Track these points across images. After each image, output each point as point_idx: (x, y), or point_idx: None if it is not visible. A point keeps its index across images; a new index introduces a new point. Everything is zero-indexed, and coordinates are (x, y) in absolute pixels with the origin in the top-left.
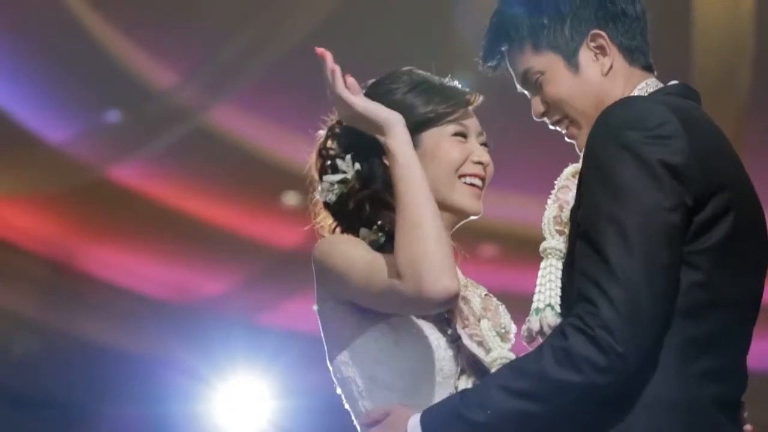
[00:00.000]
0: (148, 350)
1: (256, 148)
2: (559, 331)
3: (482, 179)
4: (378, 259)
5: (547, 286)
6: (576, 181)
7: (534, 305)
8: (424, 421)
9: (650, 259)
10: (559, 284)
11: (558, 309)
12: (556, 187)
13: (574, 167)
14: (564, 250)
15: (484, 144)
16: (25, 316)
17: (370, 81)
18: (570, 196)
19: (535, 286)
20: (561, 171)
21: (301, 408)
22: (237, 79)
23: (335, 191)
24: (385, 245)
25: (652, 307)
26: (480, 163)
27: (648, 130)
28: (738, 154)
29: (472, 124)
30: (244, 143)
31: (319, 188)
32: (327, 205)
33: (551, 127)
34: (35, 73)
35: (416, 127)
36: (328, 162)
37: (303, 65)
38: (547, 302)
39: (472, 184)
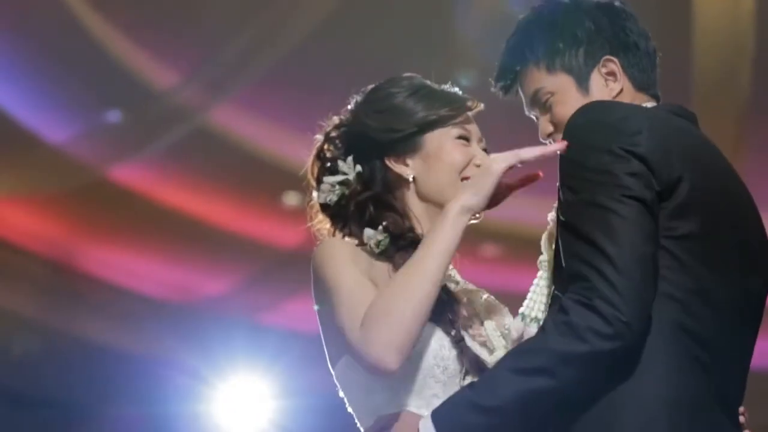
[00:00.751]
0: (149, 350)
1: (257, 148)
2: (558, 308)
3: None
4: (356, 293)
5: (533, 298)
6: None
7: (522, 310)
8: (435, 419)
9: (632, 234)
10: (538, 293)
11: (528, 318)
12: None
13: None
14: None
15: (484, 150)
16: (26, 316)
17: (370, 86)
18: (550, 216)
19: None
20: None
21: (302, 408)
22: (237, 79)
23: (336, 192)
24: (389, 248)
25: (643, 281)
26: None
27: (610, 128)
28: (731, 163)
29: (474, 129)
30: (245, 143)
31: (320, 189)
32: (325, 207)
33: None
34: (35, 74)
35: (419, 129)
36: (328, 164)
37: (303, 65)
38: (534, 315)
39: None
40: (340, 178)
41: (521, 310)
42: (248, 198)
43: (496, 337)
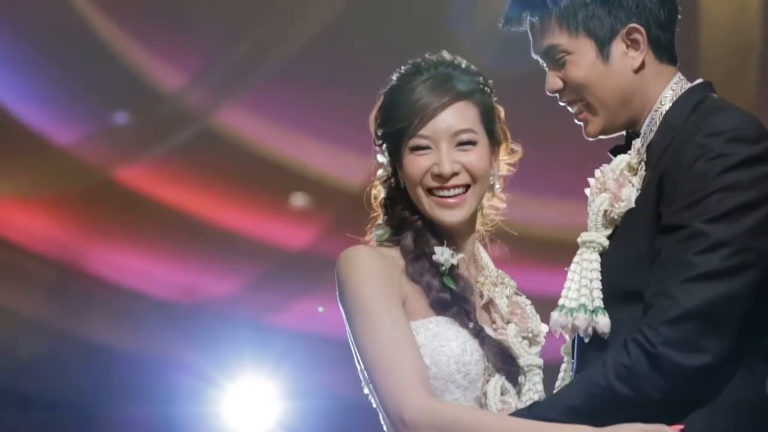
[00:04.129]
0: (156, 351)
1: (264, 149)
2: (623, 346)
3: (455, 186)
4: (394, 353)
5: (582, 283)
6: (629, 177)
7: (563, 300)
8: None
9: (734, 283)
10: (596, 280)
11: (590, 308)
12: (603, 177)
13: (626, 161)
14: (605, 245)
15: (464, 143)
16: (33, 317)
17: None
18: (624, 193)
19: (547, 285)
20: (569, 172)
21: (309, 409)
22: (245, 81)
23: (382, 175)
24: (391, 240)
25: (726, 326)
26: (440, 175)
27: (747, 149)
28: None
29: (440, 129)
30: (252, 145)
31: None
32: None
33: (561, 104)
34: (43, 76)
35: (386, 144)
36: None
37: (311, 67)
38: (581, 302)
39: (440, 196)
40: (382, 159)
41: (561, 301)
42: (255, 199)
43: (517, 342)
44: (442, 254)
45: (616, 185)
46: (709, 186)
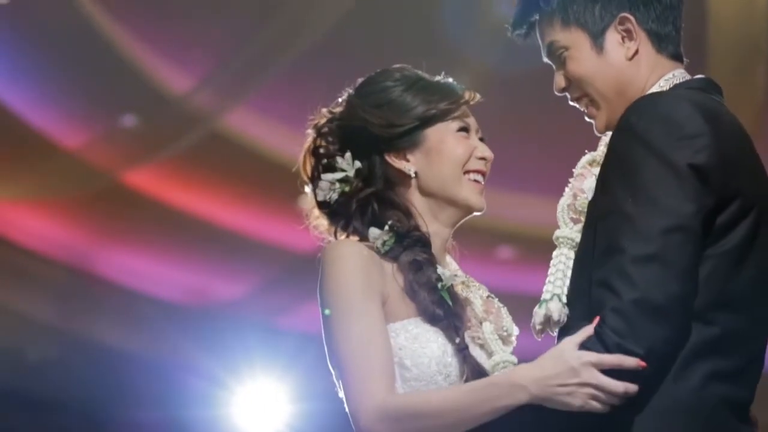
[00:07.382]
0: (166, 354)
1: (272, 151)
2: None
3: (483, 174)
4: (365, 349)
5: (557, 276)
6: (592, 170)
7: (543, 296)
8: None
9: (668, 264)
10: (568, 274)
11: (564, 299)
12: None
13: (591, 156)
14: (577, 240)
15: (481, 139)
16: (42, 320)
17: (360, 79)
18: (586, 185)
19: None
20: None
21: (319, 411)
22: (252, 83)
23: (336, 190)
24: (394, 248)
25: (666, 312)
26: (483, 158)
27: (674, 129)
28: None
29: (472, 120)
30: (260, 147)
31: (318, 187)
32: (324, 205)
33: (571, 103)
34: (51, 79)
35: (420, 123)
36: (324, 161)
37: (319, 68)
38: (554, 292)
39: (476, 180)
40: (339, 175)
41: (543, 297)
42: (264, 201)
43: (493, 340)
44: (444, 271)
45: (578, 179)
46: (630, 167)
